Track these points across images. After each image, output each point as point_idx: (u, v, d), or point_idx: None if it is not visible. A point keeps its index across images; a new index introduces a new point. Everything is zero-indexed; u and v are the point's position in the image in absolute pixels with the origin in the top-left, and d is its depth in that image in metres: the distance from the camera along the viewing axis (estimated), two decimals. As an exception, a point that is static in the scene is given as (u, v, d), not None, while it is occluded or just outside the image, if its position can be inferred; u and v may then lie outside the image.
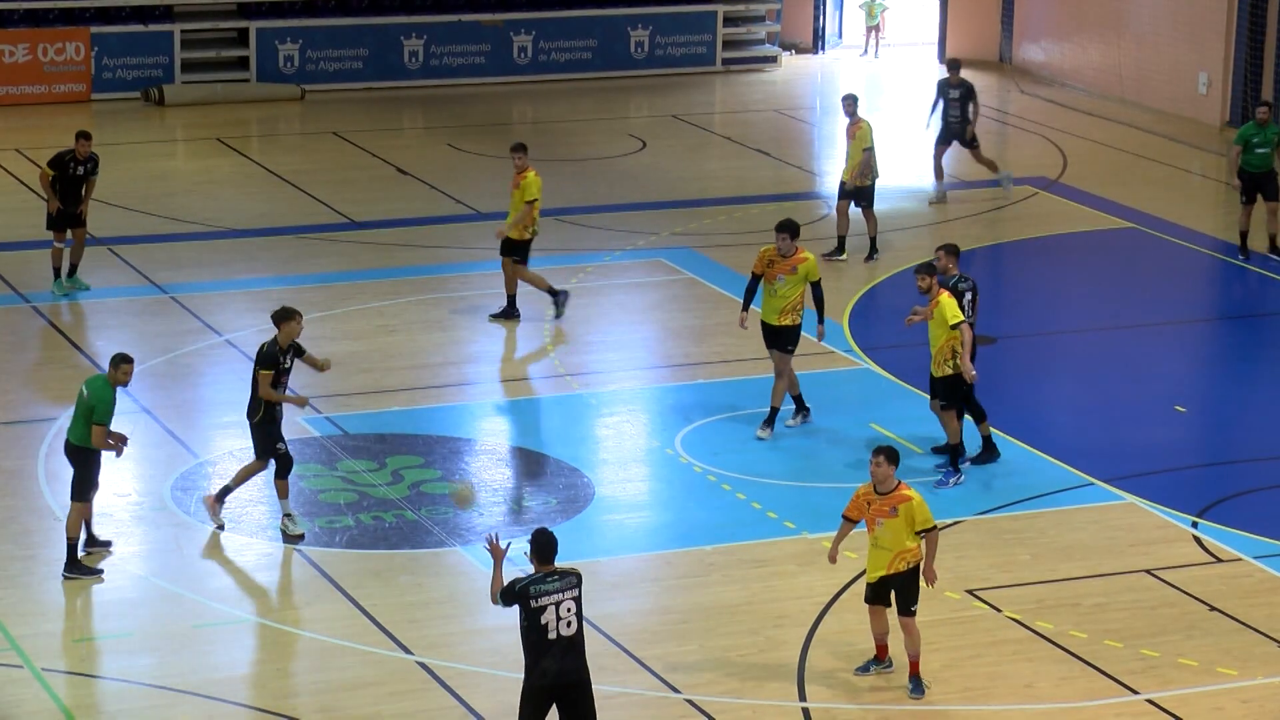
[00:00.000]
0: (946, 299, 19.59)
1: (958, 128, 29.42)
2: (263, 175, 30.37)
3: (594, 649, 16.44)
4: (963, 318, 19.55)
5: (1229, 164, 27.24)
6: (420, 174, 30.32)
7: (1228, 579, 17.90)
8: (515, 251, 23.78)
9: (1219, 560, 18.24)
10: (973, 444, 20.24)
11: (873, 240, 26.49)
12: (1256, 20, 33.13)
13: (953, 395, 19.72)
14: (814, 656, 16.47)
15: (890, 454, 15.81)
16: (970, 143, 29.51)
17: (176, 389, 21.93)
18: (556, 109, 34.89)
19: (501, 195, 25.61)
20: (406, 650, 16.44)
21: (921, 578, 15.84)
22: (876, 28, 39.35)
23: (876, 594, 15.96)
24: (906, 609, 15.86)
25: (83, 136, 25.02)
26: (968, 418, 20.17)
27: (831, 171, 27.94)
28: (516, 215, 23.65)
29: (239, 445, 20.28)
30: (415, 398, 21.74)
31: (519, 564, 15.95)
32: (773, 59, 38.07)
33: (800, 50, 39.21)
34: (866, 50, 39.45)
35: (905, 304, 25.29)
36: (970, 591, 17.61)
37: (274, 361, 18.23)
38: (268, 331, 23.53)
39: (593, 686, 14.00)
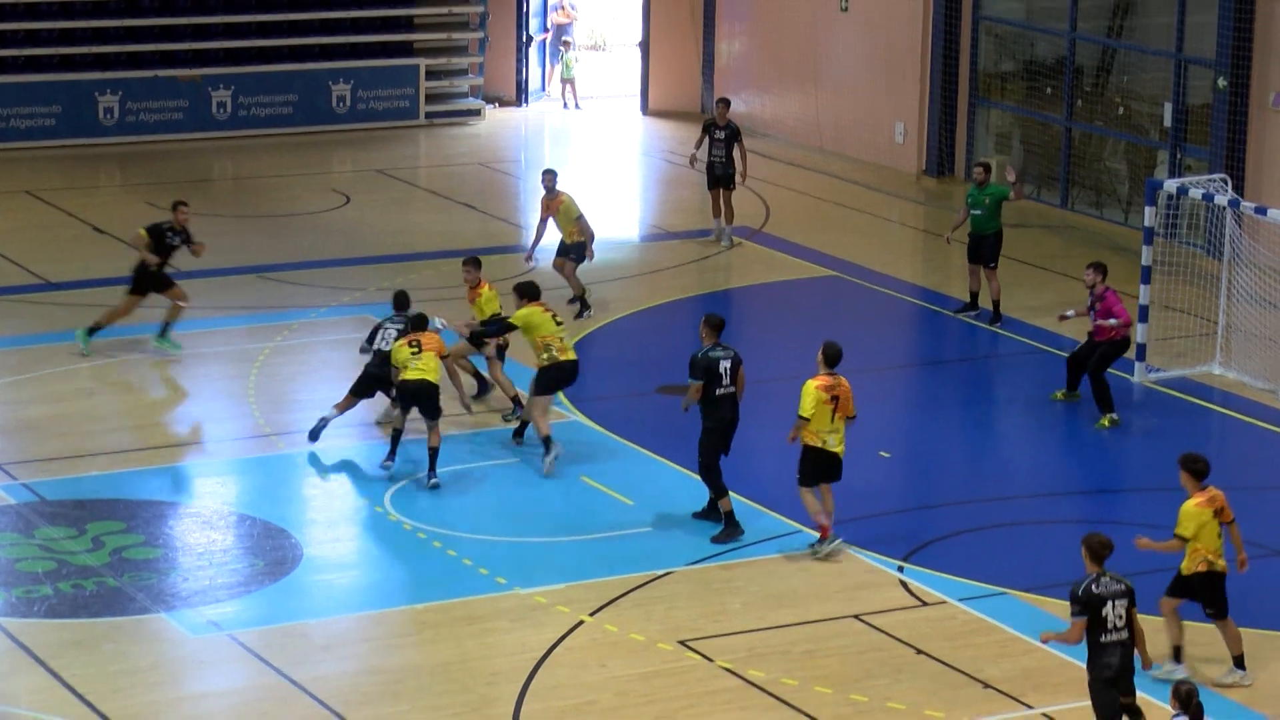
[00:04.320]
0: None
1: (721, 169, 29.69)
2: (-47, 236, 29.56)
3: (303, 713, 16.26)
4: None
5: (954, 222, 27.37)
6: (118, 233, 29.69)
7: (933, 622, 18.15)
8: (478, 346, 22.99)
9: (925, 604, 18.49)
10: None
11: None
12: (949, 70, 33.88)
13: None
14: (527, 713, 16.37)
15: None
16: (729, 184, 29.76)
17: None
18: (258, 164, 34.47)
19: (207, 254, 25.15)
20: (109, 721, 16.04)
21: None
22: (571, 81, 39.58)
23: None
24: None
25: (181, 205, 24.47)
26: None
27: (533, 225, 27.80)
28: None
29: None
30: (116, 461, 21.25)
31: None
32: (476, 112, 38.06)
33: (504, 103, 39.25)
34: (566, 104, 39.62)
35: (616, 355, 25.48)
36: (682, 642, 17.64)
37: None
38: (-39, 396, 23.05)
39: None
